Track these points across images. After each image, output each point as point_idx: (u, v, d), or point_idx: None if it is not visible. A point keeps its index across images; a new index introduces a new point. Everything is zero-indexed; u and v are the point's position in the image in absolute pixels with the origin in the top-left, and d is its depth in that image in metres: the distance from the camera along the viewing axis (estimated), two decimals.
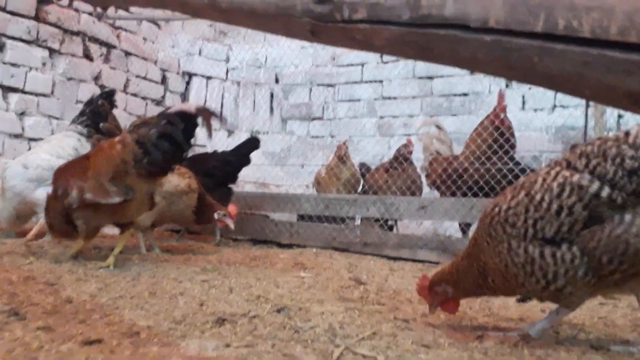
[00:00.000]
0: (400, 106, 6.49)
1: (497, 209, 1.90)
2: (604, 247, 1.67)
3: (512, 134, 4.52)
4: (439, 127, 5.12)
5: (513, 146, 4.48)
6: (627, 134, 1.68)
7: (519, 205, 1.83)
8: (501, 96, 4.57)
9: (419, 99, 6.37)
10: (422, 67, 6.21)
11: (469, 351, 1.75)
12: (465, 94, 6.14)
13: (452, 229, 5.03)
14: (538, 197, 1.79)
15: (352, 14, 1.59)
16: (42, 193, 3.53)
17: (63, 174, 3.18)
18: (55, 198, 3.17)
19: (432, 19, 1.43)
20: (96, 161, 3.07)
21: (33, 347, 1.52)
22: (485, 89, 6.02)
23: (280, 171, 6.73)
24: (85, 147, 4.01)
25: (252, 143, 5.12)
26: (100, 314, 2.00)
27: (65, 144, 3.99)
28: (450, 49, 1.44)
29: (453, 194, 4.44)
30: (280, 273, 3.32)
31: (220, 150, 5.16)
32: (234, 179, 4.90)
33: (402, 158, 4.96)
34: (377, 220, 4.61)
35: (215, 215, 3.97)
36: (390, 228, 4.83)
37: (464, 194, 4.33)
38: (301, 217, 4.98)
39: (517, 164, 4.31)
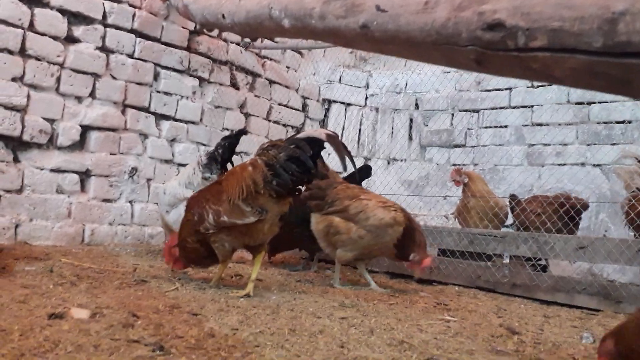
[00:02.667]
0: (552, 133, 5.96)
1: None
2: None
3: None
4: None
5: None
6: None
7: None
8: None
9: (574, 126, 5.82)
10: (579, 91, 5.65)
11: None
12: (628, 121, 5.52)
13: (614, 272, 4.49)
14: None
15: (528, 41, 1.38)
16: (172, 216, 4.14)
17: (197, 201, 3.27)
18: (190, 225, 3.25)
19: (632, 47, 1.19)
20: (229, 184, 3.17)
21: None
22: None
23: (418, 200, 6.50)
24: (197, 179, 4.16)
25: (365, 171, 5.01)
26: (242, 351, 1.94)
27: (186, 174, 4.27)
28: None
29: None
30: (422, 314, 3.11)
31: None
32: None
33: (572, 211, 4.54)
34: (528, 259, 4.22)
35: (411, 256, 3.85)
36: (544, 269, 4.40)
37: None
38: (442, 252, 4.72)
39: None
